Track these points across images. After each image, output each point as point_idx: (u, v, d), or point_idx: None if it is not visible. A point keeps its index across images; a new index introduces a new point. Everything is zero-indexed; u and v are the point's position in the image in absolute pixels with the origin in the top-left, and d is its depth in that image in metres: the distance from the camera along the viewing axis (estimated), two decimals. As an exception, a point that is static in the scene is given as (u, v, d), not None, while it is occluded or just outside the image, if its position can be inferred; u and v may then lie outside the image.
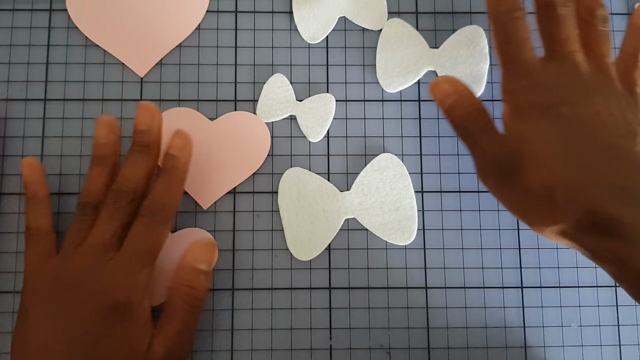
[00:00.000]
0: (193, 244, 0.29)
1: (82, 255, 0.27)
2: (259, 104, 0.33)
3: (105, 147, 0.29)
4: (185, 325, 0.28)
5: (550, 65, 0.28)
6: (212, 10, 0.34)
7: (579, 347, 0.32)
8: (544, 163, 0.26)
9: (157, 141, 0.30)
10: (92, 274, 0.27)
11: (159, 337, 0.27)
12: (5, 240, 0.32)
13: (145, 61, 0.34)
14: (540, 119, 0.27)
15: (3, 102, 0.33)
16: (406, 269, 0.33)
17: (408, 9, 0.35)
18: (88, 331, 0.26)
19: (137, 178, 0.28)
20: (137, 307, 0.27)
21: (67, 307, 0.26)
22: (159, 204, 0.28)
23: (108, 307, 0.26)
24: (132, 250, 0.27)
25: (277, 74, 0.34)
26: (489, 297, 0.33)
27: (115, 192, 0.28)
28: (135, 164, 0.29)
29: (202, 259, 0.29)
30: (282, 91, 0.33)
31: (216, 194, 0.33)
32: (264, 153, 0.33)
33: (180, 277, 0.29)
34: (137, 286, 0.27)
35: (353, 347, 0.32)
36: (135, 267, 0.27)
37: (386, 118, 0.34)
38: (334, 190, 0.33)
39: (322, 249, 0.32)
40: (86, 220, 0.28)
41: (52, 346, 0.26)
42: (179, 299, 0.28)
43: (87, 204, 0.29)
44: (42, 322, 0.26)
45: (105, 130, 0.29)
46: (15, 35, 0.34)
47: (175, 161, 0.29)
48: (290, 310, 0.32)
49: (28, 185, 0.30)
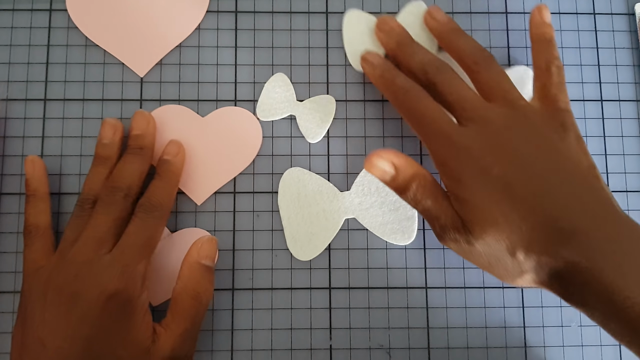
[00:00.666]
0: (196, 241, 0.30)
1: (79, 249, 0.27)
2: (259, 103, 0.33)
3: (109, 148, 0.31)
4: (192, 322, 0.28)
5: (467, 129, 0.27)
6: (212, 10, 0.34)
7: (579, 347, 0.32)
8: (491, 225, 0.25)
9: (150, 145, 0.31)
10: (89, 267, 0.27)
11: (165, 335, 0.28)
12: (5, 240, 0.32)
13: (145, 61, 0.34)
14: (474, 184, 0.26)
15: (3, 102, 0.33)
16: (406, 269, 0.33)
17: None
18: (88, 326, 0.26)
19: (132, 175, 0.30)
20: (136, 299, 0.27)
21: (66, 302, 0.26)
22: (155, 202, 0.29)
23: (106, 298, 0.26)
24: (129, 243, 0.28)
25: (279, 74, 0.34)
26: (489, 297, 0.33)
27: (110, 187, 0.29)
28: (130, 163, 0.30)
29: (206, 254, 0.30)
30: (282, 90, 0.33)
31: (210, 189, 0.33)
32: (256, 147, 0.33)
33: (186, 274, 0.29)
34: (134, 279, 0.27)
35: (353, 347, 0.32)
36: (133, 260, 0.27)
37: (386, 118, 0.34)
38: (333, 190, 0.33)
39: (322, 249, 0.32)
40: (83, 217, 0.29)
41: (52, 343, 0.26)
42: (185, 295, 0.28)
43: (86, 200, 0.29)
44: (40, 318, 0.26)
45: (110, 131, 0.31)
46: (15, 35, 0.34)
47: (169, 165, 0.31)
48: (290, 310, 0.32)
49: (30, 182, 0.30)
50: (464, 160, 0.26)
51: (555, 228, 0.25)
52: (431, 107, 0.28)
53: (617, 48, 0.35)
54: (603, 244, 0.24)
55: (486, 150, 0.26)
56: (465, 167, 0.26)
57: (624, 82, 0.35)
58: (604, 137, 0.34)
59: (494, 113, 0.27)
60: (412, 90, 0.29)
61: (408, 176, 0.28)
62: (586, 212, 0.25)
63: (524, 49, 0.35)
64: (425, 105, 0.28)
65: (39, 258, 0.28)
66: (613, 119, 0.34)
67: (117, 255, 0.27)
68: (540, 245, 0.25)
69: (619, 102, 0.34)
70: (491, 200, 0.26)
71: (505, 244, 0.25)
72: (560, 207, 0.25)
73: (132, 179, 0.29)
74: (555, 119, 0.28)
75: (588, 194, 0.26)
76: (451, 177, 0.27)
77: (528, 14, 0.35)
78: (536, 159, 0.26)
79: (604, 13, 0.35)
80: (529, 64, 0.35)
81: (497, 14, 0.35)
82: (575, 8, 0.35)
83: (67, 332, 0.26)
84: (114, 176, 0.30)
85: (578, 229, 0.25)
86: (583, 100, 0.34)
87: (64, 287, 0.27)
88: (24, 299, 0.28)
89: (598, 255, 0.24)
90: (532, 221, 0.25)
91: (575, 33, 0.35)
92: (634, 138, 0.34)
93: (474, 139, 0.27)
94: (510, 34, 0.35)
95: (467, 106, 0.28)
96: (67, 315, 0.26)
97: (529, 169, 0.26)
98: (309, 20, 0.35)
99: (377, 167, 0.28)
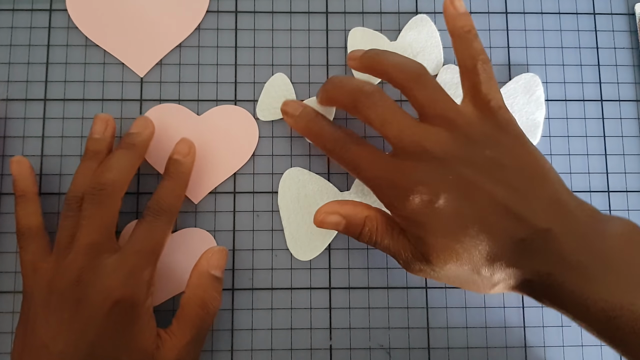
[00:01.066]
0: (207, 251, 0.30)
1: (75, 256, 0.27)
2: (259, 103, 0.33)
3: (99, 143, 0.30)
4: (198, 332, 0.28)
5: (405, 164, 0.26)
6: (212, 10, 0.34)
7: (579, 347, 0.32)
8: (450, 255, 0.25)
9: (143, 144, 0.30)
10: (92, 272, 0.26)
11: (170, 343, 0.27)
12: (5, 240, 0.32)
13: (145, 61, 0.34)
14: (425, 220, 0.25)
15: (3, 102, 0.33)
16: (406, 269, 0.33)
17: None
18: (92, 331, 0.26)
19: (119, 169, 0.28)
20: (141, 305, 0.27)
21: (69, 308, 0.26)
22: (163, 204, 0.29)
23: (111, 304, 0.26)
24: (135, 248, 0.27)
25: (279, 74, 0.34)
26: (489, 297, 0.33)
27: (95, 183, 0.28)
28: (119, 159, 0.29)
29: (216, 265, 0.29)
30: (283, 90, 0.33)
31: (207, 188, 0.33)
32: (253, 146, 0.33)
33: (195, 283, 0.29)
34: (140, 285, 0.27)
35: (353, 347, 0.32)
36: (139, 266, 0.27)
37: (386, 118, 0.34)
38: (334, 190, 0.33)
39: (322, 249, 0.32)
40: (72, 217, 0.28)
41: (55, 347, 0.25)
42: (193, 304, 0.28)
43: (73, 198, 0.28)
44: (43, 321, 0.26)
45: (102, 127, 0.30)
46: (15, 35, 0.34)
47: (179, 165, 0.30)
48: (290, 310, 0.32)
49: (17, 183, 0.30)
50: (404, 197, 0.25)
51: (515, 241, 0.24)
52: (363, 154, 0.27)
53: (617, 48, 0.35)
54: (565, 249, 0.24)
55: (429, 184, 0.25)
56: (410, 207, 0.25)
57: (624, 82, 0.35)
58: (604, 137, 0.34)
59: (430, 142, 0.26)
60: (339, 139, 0.28)
61: (358, 221, 0.28)
62: (544, 215, 0.25)
63: (524, 49, 0.35)
64: (357, 153, 0.27)
65: (36, 259, 0.28)
66: (613, 119, 0.34)
67: (123, 260, 0.27)
68: (504, 260, 0.25)
69: (619, 102, 0.34)
70: (445, 233, 0.25)
71: (469, 266, 0.25)
72: (516, 218, 0.25)
73: (119, 174, 0.28)
74: (492, 121, 0.27)
75: (540, 192, 0.25)
76: (401, 216, 0.26)
77: (528, 14, 0.35)
78: (480, 177, 0.25)
79: (604, 13, 0.35)
80: (529, 64, 0.35)
81: (497, 14, 0.35)
82: (575, 8, 0.35)
83: (71, 338, 0.26)
84: (100, 169, 0.28)
85: (539, 238, 0.24)
86: (583, 100, 0.34)
87: (67, 292, 0.26)
88: (26, 301, 0.28)
89: (561, 261, 0.24)
90: (490, 241, 0.25)
91: (575, 33, 0.35)
92: (634, 138, 0.34)
93: (414, 175, 0.26)
94: (510, 34, 0.35)
95: (404, 137, 0.26)
96: (70, 320, 0.26)
97: (475, 191, 0.25)
98: (309, 20, 0.35)
99: (327, 222, 0.28)
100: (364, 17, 0.35)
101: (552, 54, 0.35)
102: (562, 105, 0.34)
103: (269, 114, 0.33)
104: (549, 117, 0.34)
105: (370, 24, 0.35)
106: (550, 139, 0.34)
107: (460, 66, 0.29)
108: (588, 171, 0.34)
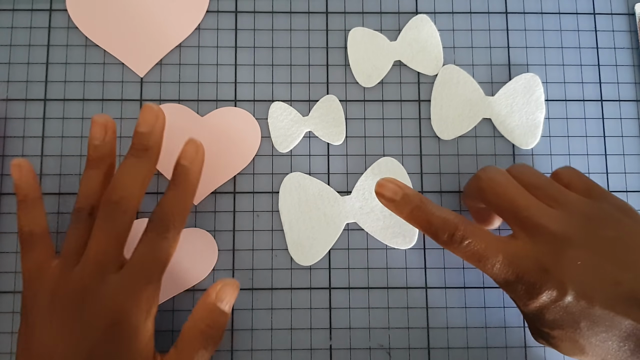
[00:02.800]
0: (218, 283, 0.28)
1: (82, 271, 0.26)
2: (273, 139, 0.33)
3: (101, 149, 0.28)
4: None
5: (521, 243, 0.25)
6: (212, 10, 0.34)
7: (579, 347, 0.32)
8: (574, 350, 0.25)
9: (157, 146, 0.28)
10: (95, 289, 0.26)
11: None
12: (5, 240, 0.32)
13: (145, 61, 0.34)
14: (551, 316, 0.25)
15: (3, 102, 0.33)
16: (406, 269, 0.33)
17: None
18: (88, 344, 0.25)
19: (133, 183, 0.27)
20: (140, 327, 0.26)
21: (69, 317, 0.25)
22: (168, 217, 0.27)
23: (107, 324, 0.25)
24: (138, 266, 0.26)
25: (272, 104, 0.33)
26: (489, 297, 0.33)
27: (108, 202, 0.27)
28: (132, 169, 0.27)
29: (226, 299, 0.28)
30: (285, 116, 0.33)
31: (208, 189, 0.33)
32: (255, 148, 0.33)
33: (201, 315, 0.27)
34: (140, 305, 0.26)
35: (353, 347, 0.32)
36: (140, 284, 0.26)
37: (386, 118, 0.34)
38: (334, 194, 0.33)
39: (324, 254, 0.32)
40: (82, 228, 0.27)
41: (55, 350, 0.25)
42: (197, 335, 0.27)
43: (82, 210, 0.27)
44: (44, 326, 0.26)
45: (100, 131, 0.28)
46: (15, 35, 0.34)
47: (186, 172, 0.28)
48: (290, 310, 0.32)
49: (19, 187, 0.28)
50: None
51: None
52: (482, 234, 0.26)
53: (617, 48, 0.35)
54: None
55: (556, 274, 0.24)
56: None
57: (624, 82, 0.35)
58: (604, 137, 0.34)
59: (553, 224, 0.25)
60: (451, 227, 0.26)
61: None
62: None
63: (524, 49, 0.35)
64: (476, 240, 0.25)
65: (39, 265, 0.27)
66: (613, 119, 0.34)
67: (124, 279, 0.26)
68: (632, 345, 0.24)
69: (619, 102, 0.34)
70: (573, 331, 0.24)
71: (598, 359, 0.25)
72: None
73: (133, 188, 0.27)
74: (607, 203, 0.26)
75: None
76: (524, 313, 0.26)
77: (528, 14, 0.35)
78: (606, 262, 0.24)
79: (604, 13, 0.35)
80: (529, 64, 0.35)
81: (497, 14, 0.35)
82: (575, 8, 0.35)
83: (71, 343, 0.25)
84: (113, 186, 0.27)
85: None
86: (583, 100, 0.34)
87: (69, 305, 0.26)
88: (26, 305, 0.27)
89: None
90: (619, 339, 0.24)
91: (575, 33, 0.35)
92: (634, 138, 0.34)
93: (533, 257, 0.25)
94: (510, 34, 0.35)
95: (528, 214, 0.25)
96: (71, 328, 0.25)
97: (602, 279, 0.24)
98: (309, 20, 0.35)
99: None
100: (364, 17, 0.35)
101: (552, 54, 0.35)
102: (562, 105, 0.34)
103: (289, 144, 0.33)
104: (549, 117, 0.34)
105: (370, 24, 0.35)
106: (550, 139, 0.34)
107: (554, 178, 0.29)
108: (588, 171, 0.34)
